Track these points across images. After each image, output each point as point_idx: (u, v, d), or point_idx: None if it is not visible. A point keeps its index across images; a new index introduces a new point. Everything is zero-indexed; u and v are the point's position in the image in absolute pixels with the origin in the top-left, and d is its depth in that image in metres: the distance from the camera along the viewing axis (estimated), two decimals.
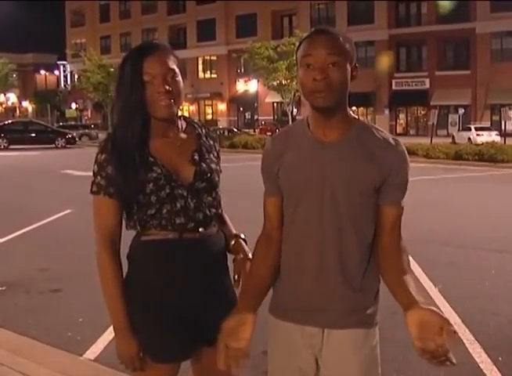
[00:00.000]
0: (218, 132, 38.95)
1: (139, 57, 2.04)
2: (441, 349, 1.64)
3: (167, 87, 2.04)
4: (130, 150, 2.03)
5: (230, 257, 2.27)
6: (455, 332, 1.65)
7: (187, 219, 2.07)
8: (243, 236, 2.29)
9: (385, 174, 1.90)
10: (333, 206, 1.91)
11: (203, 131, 2.24)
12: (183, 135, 2.17)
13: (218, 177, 2.17)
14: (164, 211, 2.05)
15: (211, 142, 2.24)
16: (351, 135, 1.94)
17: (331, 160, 1.91)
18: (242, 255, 2.24)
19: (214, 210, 2.15)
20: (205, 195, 2.12)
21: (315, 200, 1.93)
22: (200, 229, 2.10)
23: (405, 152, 1.96)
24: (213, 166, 2.16)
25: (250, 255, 2.20)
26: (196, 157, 2.13)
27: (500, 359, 4.17)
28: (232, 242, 2.26)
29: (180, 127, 2.18)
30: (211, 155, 2.20)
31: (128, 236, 2.16)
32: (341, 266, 1.93)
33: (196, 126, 2.24)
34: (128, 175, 2.01)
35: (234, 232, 2.30)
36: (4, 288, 6.04)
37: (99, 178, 2.05)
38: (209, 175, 2.13)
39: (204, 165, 2.13)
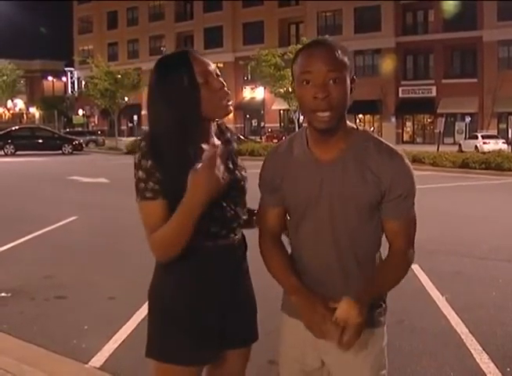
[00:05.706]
0: None
1: (188, 59, 1.98)
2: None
3: (224, 83, 2.00)
4: (181, 156, 1.94)
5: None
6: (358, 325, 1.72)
7: (221, 227, 2.05)
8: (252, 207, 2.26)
9: (385, 189, 1.87)
10: (332, 223, 1.91)
11: (230, 135, 2.19)
12: (216, 140, 2.10)
13: (246, 184, 2.15)
14: (201, 218, 1.95)
15: (235, 147, 2.20)
16: (349, 153, 1.89)
17: (328, 179, 1.89)
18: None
19: (244, 217, 2.14)
20: (237, 203, 2.09)
21: (315, 217, 1.93)
22: (231, 235, 2.09)
23: (408, 164, 1.90)
24: (243, 173, 2.15)
25: None
26: (231, 166, 2.10)
27: (508, 369, 4.13)
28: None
29: (212, 130, 2.12)
30: (238, 161, 2.17)
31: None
32: (344, 281, 1.94)
33: (224, 129, 2.19)
34: (180, 182, 1.89)
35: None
36: (9, 295, 6.04)
37: (151, 184, 1.94)
38: (242, 183, 2.12)
39: (238, 174, 2.11)
